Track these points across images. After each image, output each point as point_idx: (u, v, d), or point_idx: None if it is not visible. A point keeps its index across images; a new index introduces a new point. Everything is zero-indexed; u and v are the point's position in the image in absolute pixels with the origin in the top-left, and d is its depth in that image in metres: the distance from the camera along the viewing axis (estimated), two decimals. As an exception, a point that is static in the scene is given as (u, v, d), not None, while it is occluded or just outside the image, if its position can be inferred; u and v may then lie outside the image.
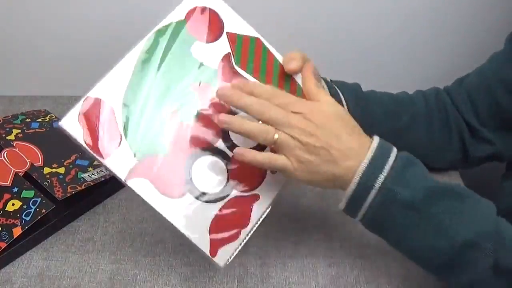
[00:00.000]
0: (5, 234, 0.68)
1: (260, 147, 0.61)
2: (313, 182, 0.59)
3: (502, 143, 0.76)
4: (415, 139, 0.77)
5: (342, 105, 0.71)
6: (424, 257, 0.60)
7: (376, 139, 0.60)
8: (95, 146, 0.57)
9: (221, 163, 0.61)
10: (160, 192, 0.58)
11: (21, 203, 0.71)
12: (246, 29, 0.65)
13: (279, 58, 0.66)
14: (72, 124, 0.57)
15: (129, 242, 0.72)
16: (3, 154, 0.77)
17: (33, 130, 0.85)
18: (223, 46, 0.64)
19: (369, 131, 0.74)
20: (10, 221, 0.69)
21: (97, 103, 0.57)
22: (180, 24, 0.63)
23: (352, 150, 0.57)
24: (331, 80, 0.75)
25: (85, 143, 0.56)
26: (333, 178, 0.58)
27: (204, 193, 0.60)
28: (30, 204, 0.70)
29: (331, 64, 0.97)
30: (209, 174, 0.60)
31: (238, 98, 0.58)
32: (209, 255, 0.59)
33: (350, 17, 0.94)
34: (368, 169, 0.56)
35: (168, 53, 0.61)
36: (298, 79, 0.65)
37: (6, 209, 0.70)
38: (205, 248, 0.59)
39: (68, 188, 0.73)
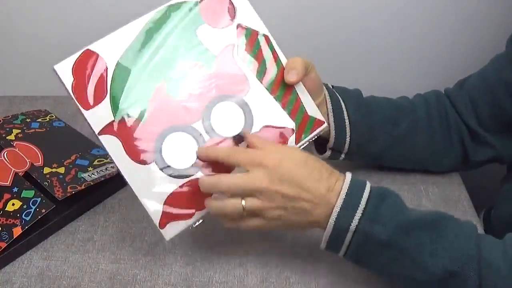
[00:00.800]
0: (5, 234, 0.68)
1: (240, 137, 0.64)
2: (292, 229, 0.63)
3: (503, 146, 0.76)
4: (415, 144, 0.77)
5: (342, 112, 0.72)
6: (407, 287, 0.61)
7: (348, 177, 0.60)
8: (80, 96, 0.60)
9: (194, 143, 0.63)
10: (127, 154, 0.60)
11: (21, 203, 0.71)
12: (257, 25, 0.66)
13: (283, 60, 0.66)
14: (65, 70, 0.60)
15: (129, 242, 0.72)
16: (3, 154, 0.77)
17: (33, 130, 0.85)
18: (230, 35, 0.65)
19: (369, 142, 0.75)
20: (10, 221, 0.69)
21: (94, 57, 0.60)
22: (194, 4, 0.64)
23: (322, 197, 0.58)
24: (332, 86, 0.75)
25: (72, 91, 0.60)
26: (309, 224, 0.60)
27: (169, 166, 0.61)
28: (30, 204, 0.70)
29: (333, 66, 0.98)
30: (179, 150, 0.62)
31: (200, 182, 0.60)
32: (157, 226, 0.61)
33: (352, 19, 0.94)
34: (341, 214, 0.57)
35: (175, 29, 0.63)
36: (297, 85, 0.67)
37: (6, 209, 0.70)
38: (156, 218, 0.61)
39: (68, 188, 0.73)
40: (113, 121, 0.60)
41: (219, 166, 0.62)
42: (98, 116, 0.60)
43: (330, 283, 0.67)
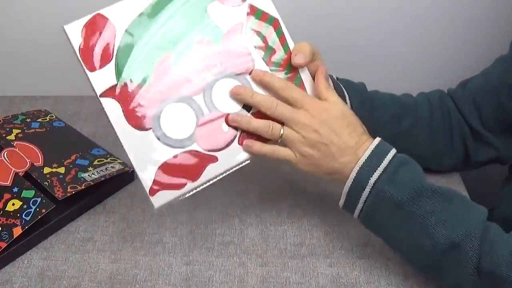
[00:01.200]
0: (5, 234, 0.68)
1: (247, 110, 0.65)
2: (314, 173, 0.65)
3: (505, 147, 0.76)
4: (416, 142, 0.77)
5: (346, 104, 0.72)
6: (411, 256, 0.63)
7: (377, 140, 0.64)
8: (86, 57, 0.61)
9: (192, 115, 0.63)
10: (126, 119, 0.61)
11: (21, 203, 0.71)
12: (268, 7, 0.67)
13: (291, 45, 0.67)
14: (74, 31, 0.62)
15: (129, 241, 0.72)
16: (3, 154, 0.77)
17: (33, 130, 0.85)
18: (240, 14, 0.66)
19: (371, 132, 0.74)
20: (10, 221, 0.69)
21: (104, 21, 0.62)
22: None
23: (349, 147, 0.62)
24: (337, 78, 0.75)
25: (79, 52, 0.61)
26: (332, 171, 0.63)
27: (165, 135, 0.62)
28: (30, 204, 0.70)
29: (336, 65, 0.97)
30: (178, 121, 0.63)
31: (250, 95, 0.63)
32: (148, 193, 0.62)
33: (357, 17, 0.94)
34: (363, 167, 0.61)
35: (187, 2, 0.64)
36: (302, 70, 0.67)
37: (6, 209, 0.70)
38: (146, 185, 0.62)
39: (68, 188, 0.73)
40: (115, 84, 0.62)
41: (216, 141, 0.63)
42: (101, 79, 0.61)
43: (330, 283, 0.67)
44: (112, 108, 0.61)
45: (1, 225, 0.69)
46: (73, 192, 0.73)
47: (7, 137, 0.81)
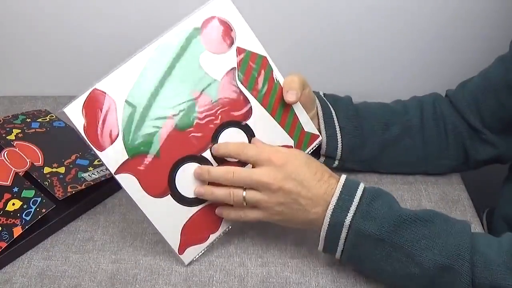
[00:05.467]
0: (5, 234, 0.68)
1: (241, 163, 0.66)
2: (290, 226, 0.65)
3: (504, 146, 0.76)
4: (407, 148, 0.78)
5: (333, 119, 0.75)
6: (403, 285, 0.62)
7: (342, 178, 0.63)
8: (93, 137, 0.60)
9: None
10: (143, 189, 0.63)
11: (21, 202, 0.71)
12: (255, 47, 0.68)
13: (281, 80, 0.70)
14: (75, 113, 0.60)
15: (130, 241, 0.72)
16: (4, 154, 0.77)
17: (34, 130, 0.85)
18: (230, 59, 0.67)
19: (361, 148, 0.76)
20: (10, 221, 0.69)
21: (102, 96, 0.61)
22: (196, 32, 0.65)
23: (320, 197, 0.61)
24: (324, 94, 0.77)
25: (85, 134, 0.60)
26: (308, 222, 0.63)
27: (183, 197, 0.65)
28: (30, 203, 0.70)
29: (334, 69, 0.98)
30: (192, 180, 0.65)
31: (206, 174, 0.64)
32: (177, 253, 0.66)
33: (353, 21, 0.94)
34: (336, 210, 0.60)
35: (179, 59, 0.64)
36: (293, 105, 0.70)
37: (6, 209, 0.70)
38: (175, 246, 0.65)
39: (68, 187, 0.73)
40: (127, 159, 0.62)
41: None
42: (112, 156, 0.61)
43: (330, 283, 0.67)
44: (128, 182, 0.62)
45: (1, 225, 0.69)
46: (73, 192, 0.73)
47: (7, 137, 0.81)
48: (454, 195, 0.80)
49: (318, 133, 0.73)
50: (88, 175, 0.76)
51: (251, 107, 0.68)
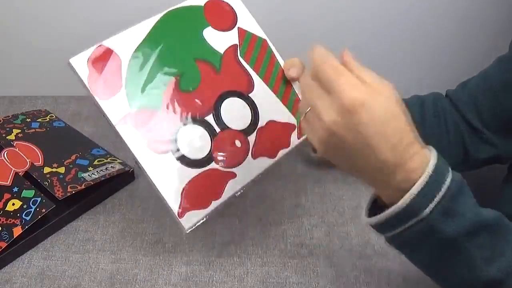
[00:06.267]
0: (5, 234, 0.68)
1: (255, 126, 0.67)
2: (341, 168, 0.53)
3: (504, 146, 0.76)
4: None
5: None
6: (446, 284, 0.58)
7: (434, 157, 0.51)
8: (96, 88, 0.61)
9: (207, 135, 0.65)
10: (145, 145, 0.62)
11: (21, 202, 0.71)
12: (256, 29, 0.71)
13: (281, 62, 0.71)
14: (80, 64, 0.62)
15: (129, 241, 0.72)
16: (3, 154, 0.77)
17: (33, 130, 0.85)
18: (232, 37, 0.69)
19: None
20: (10, 221, 0.69)
21: (108, 51, 0.63)
22: (199, 8, 0.69)
23: (387, 167, 0.49)
24: None
25: (88, 83, 0.61)
26: (374, 172, 0.50)
27: (184, 157, 0.63)
28: (30, 203, 0.70)
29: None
30: (194, 142, 0.64)
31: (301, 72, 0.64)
32: (177, 216, 0.62)
33: (352, 19, 0.94)
34: (417, 197, 0.49)
35: (183, 30, 0.67)
36: (295, 84, 0.70)
37: (6, 209, 0.70)
38: (175, 208, 0.62)
39: (68, 187, 0.73)
40: (130, 112, 0.62)
41: (232, 158, 0.65)
42: (114, 107, 0.62)
43: (330, 283, 0.67)
44: (129, 135, 0.62)
45: (1, 225, 0.69)
46: (73, 192, 0.73)
47: (7, 137, 0.81)
48: (454, 195, 0.80)
49: None
50: (88, 175, 0.76)
51: (253, 81, 0.69)
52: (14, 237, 0.67)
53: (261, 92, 0.68)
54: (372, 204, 0.55)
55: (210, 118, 0.65)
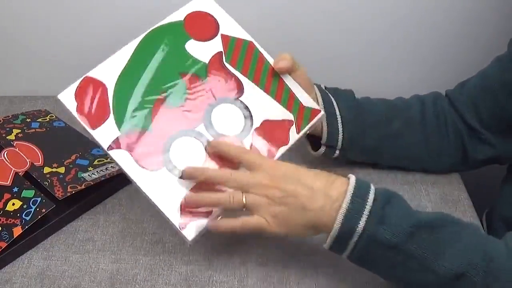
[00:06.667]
0: (5, 234, 0.68)
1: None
2: (293, 233, 0.61)
3: (503, 146, 0.76)
4: (409, 144, 0.77)
5: (334, 109, 0.74)
6: None
7: (353, 178, 0.59)
8: (85, 117, 0.64)
9: (200, 145, 0.65)
10: (138, 164, 0.63)
11: (21, 202, 0.71)
12: (240, 33, 0.71)
13: (270, 61, 0.70)
14: (68, 97, 0.64)
15: (129, 241, 0.72)
16: (3, 154, 0.77)
17: (33, 130, 0.85)
18: (216, 45, 0.69)
19: (362, 138, 0.75)
20: (10, 221, 0.69)
21: (93, 81, 0.64)
22: (179, 24, 0.69)
23: (319, 191, 0.59)
24: (325, 87, 0.76)
25: (78, 114, 0.64)
26: (309, 223, 0.59)
27: (178, 170, 0.63)
28: (30, 203, 0.70)
29: (332, 68, 0.98)
30: (187, 153, 0.64)
31: (201, 173, 0.62)
32: (179, 228, 0.62)
33: (351, 19, 0.94)
34: (348, 214, 0.57)
35: (165, 48, 0.67)
36: (287, 80, 0.70)
37: (6, 209, 0.70)
38: (175, 221, 0.62)
39: (68, 187, 0.73)
40: (119, 136, 0.63)
41: (228, 164, 0.64)
42: (104, 134, 0.63)
43: (330, 283, 0.67)
44: (121, 158, 0.63)
45: (1, 225, 0.69)
46: (73, 192, 0.73)
47: (7, 137, 0.81)
48: (454, 195, 0.80)
49: (319, 108, 0.71)
50: (88, 175, 0.76)
51: (242, 84, 0.68)
52: (14, 237, 0.67)
53: (252, 94, 0.68)
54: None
55: (201, 128, 0.65)
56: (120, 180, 0.79)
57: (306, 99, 0.70)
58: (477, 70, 0.79)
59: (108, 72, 0.65)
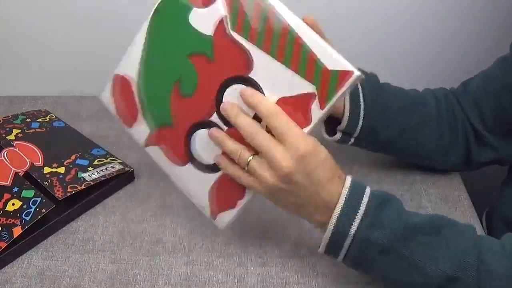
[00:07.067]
0: (5, 234, 0.68)
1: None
2: (283, 209, 0.62)
3: (504, 148, 0.76)
4: (424, 138, 0.76)
5: (358, 93, 0.71)
6: None
7: (348, 180, 0.59)
8: (123, 117, 0.68)
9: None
10: (169, 159, 0.67)
11: (21, 202, 0.71)
12: None
13: (284, 14, 0.58)
14: (107, 99, 0.69)
15: (129, 241, 0.72)
16: (3, 154, 0.77)
17: (33, 130, 0.85)
18: (218, 9, 0.61)
19: (381, 123, 0.73)
20: (10, 221, 0.69)
21: (120, 79, 0.68)
22: None
23: (323, 202, 0.58)
24: None
25: (117, 115, 0.69)
26: (302, 216, 0.61)
27: (202, 164, 0.65)
28: (30, 203, 0.70)
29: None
30: (206, 147, 0.64)
31: (234, 115, 0.59)
32: (211, 218, 0.66)
33: (356, 16, 0.94)
34: (341, 217, 0.57)
35: (172, 27, 0.65)
36: (306, 37, 0.57)
37: (6, 209, 0.70)
38: (206, 212, 0.66)
39: (68, 187, 0.73)
40: (150, 133, 0.67)
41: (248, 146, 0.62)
42: (138, 132, 0.68)
43: (330, 283, 0.67)
44: (156, 154, 0.67)
45: (1, 225, 0.69)
46: (73, 192, 0.73)
47: (7, 137, 0.81)
48: (454, 195, 0.80)
49: (351, 68, 0.56)
50: (88, 175, 0.76)
51: (251, 56, 0.59)
52: (14, 237, 0.67)
53: (262, 67, 0.59)
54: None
55: (214, 117, 0.63)
56: (120, 180, 0.79)
57: (330, 60, 0.56)
58: (479, 68, 0.79)
59: (129, 65, 0.66)
